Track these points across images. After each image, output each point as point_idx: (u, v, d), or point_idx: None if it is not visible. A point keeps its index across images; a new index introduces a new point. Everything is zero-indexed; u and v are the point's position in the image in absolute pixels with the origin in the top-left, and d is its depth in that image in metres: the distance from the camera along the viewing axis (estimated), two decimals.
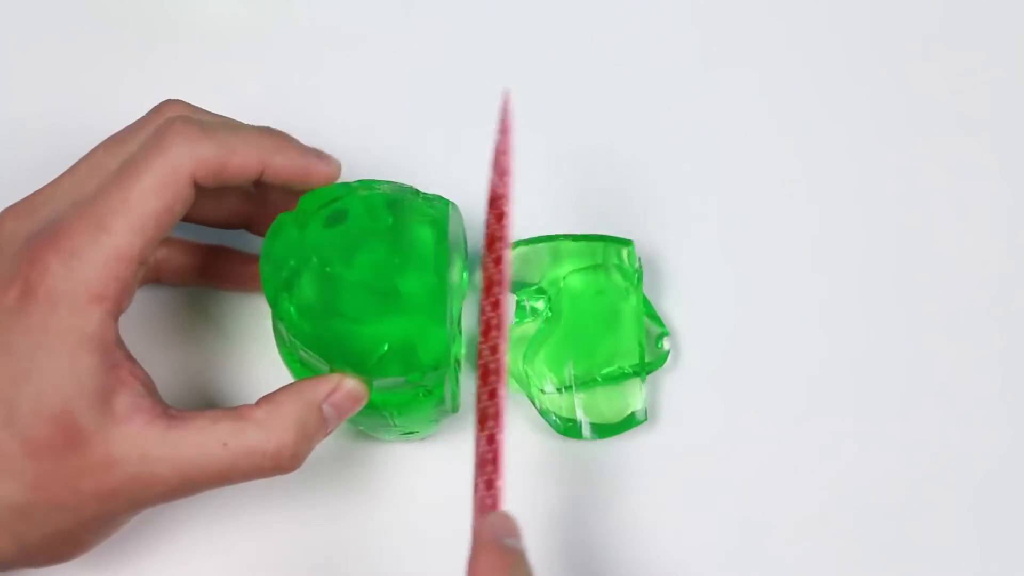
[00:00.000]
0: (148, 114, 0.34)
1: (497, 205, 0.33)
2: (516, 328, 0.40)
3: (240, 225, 0.38)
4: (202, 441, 0.31)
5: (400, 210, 0.35)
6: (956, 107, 0.46)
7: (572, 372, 0.38)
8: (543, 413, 0.38)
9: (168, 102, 0.35)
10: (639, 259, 0.40)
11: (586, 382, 0.39)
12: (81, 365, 0.30)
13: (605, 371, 0.39)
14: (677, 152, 0.45)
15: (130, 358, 0.31)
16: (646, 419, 0.38)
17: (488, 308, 0.33)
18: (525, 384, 0.38)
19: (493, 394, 0.32)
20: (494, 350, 0.32)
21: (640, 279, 0.40)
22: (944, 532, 0.40)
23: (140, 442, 0.30)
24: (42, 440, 0.29)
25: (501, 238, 0.33)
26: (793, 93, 0.46)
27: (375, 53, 0.45)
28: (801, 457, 0.40)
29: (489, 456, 0.32)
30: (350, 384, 0.33)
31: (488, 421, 0.32)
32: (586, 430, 0.38)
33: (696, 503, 0.39)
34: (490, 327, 0.32)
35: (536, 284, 0.40)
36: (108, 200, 0.30)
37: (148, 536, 0.38)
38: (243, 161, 0.32)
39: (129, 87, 0.44)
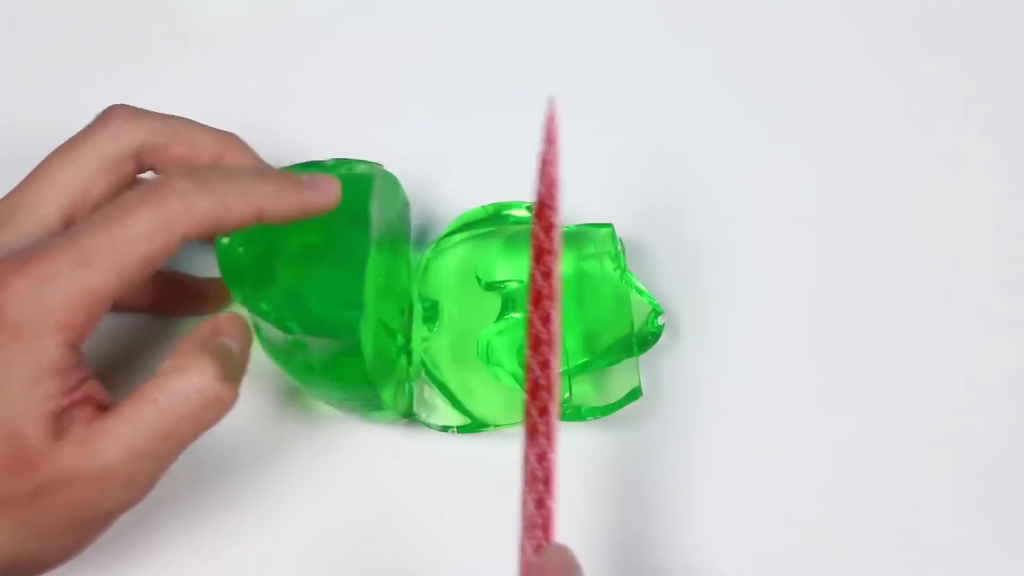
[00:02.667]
0: (96, 121, 0.34)
1: (545, 216, 0.32)
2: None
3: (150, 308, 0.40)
4: (135, 411, 0.30)
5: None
6: (957, 101, 0.46)
7: (570, 359, 0.39)
8: None
9: (115, 107, 0.34)
10: (621, 240, 0.40)
11: (582, 366, 0.39)
12: (38, 391, 0.29)
13: (599, 352, 0.39)
14: (668, 139, 0.45)
15: (88, 377, 0.31)
16: (642, 395, 0.38)
17: (537, 322, 0.32)
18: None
19: (544, 411, 0.31)
20: (544, 365, 0.31)
21: (623, 259, 0.40)
22: (952, 512, 0.40)
23: (86, 444, 0.30)
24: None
25: (550, 251, 0.32)
26: (781, 80, 0.47)
27: (374, 49, 0.46)
28: (802, 436, 0.41)
29: (540, 475, 0.31)
30: (224, 315, 0.33)
31: (539, 438, 0.31)
32: (586, 412, 0.39)
33: (700, 486, 0.40)
34: (540, 341, 0.31)
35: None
36: (94, 236, 0.30)
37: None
38: (239, 216, 0.32)
39: (126, 86, 0.44)
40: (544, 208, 0.32)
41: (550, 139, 0.32)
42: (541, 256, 0.32)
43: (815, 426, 0.41)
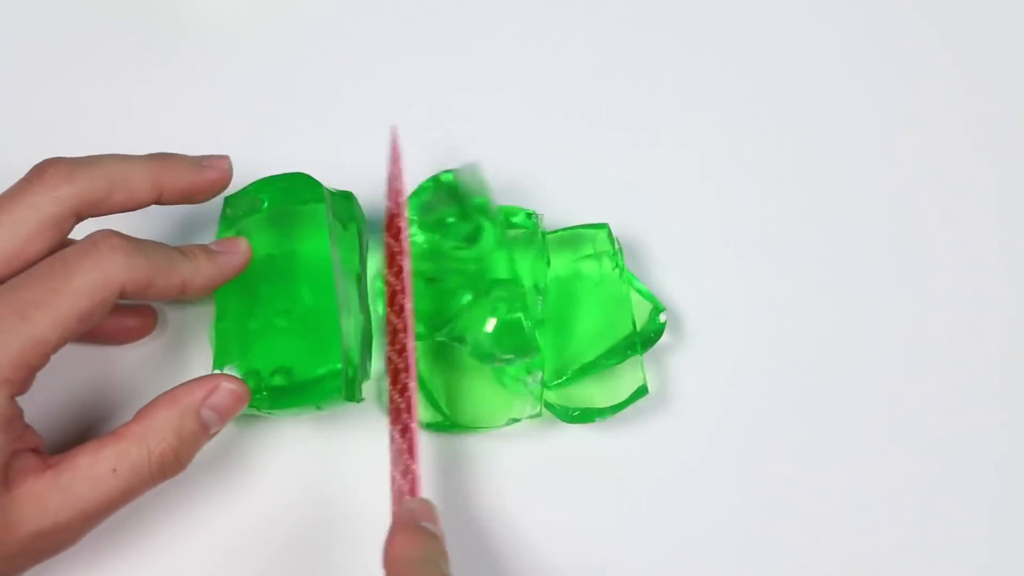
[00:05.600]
0: (30, 176, 0.34)
1: (394, 225, 0.36)
2: None
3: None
4: (93, 475, 0.31)
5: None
6: (956, 104, 0.46)
7: (573, 361, 0.39)
8: (549, 407, 0.38)
9: (48, 161, 0.34)
10: (617, 240, 0.40)
11: (586, 367, 0.39)
12: None
13: (603, 353, 0.39)
14: (662, 135, 0.45)
15: (26, 425, 0.32)
16: (648, 392, 0.39)
17: (392, 316, 0.34)
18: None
19: (404, 389, 0.34)
20: (401, 351, 0.34)
21: (621, 259, 0.40)
22: (963, 509, 0.40)
23: (35, 498, 0.30)
24: None
25: (401, 252, 0.35)
26: (784, 77, 0.47)
27: (372, 47, 0.46)
28: (808, 430, 0.41)
29: (404, 447, 0.33)
30: (229, 385, 0.33)
31: (402, 415, 0.34)
32: (594, 414, 0.38)
33: (711, 481, 0.40)
34: (396, 331, 0.34)
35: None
36: (35, 291, 0.31)
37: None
38: (168, 283, 0.33)
39: (125, 85, 0.44)
40: (393, 218, 0.36)
41: (395, 159, 0.36)
42: (394, 259, 0.36)
43: (821, 420, 0.41)
